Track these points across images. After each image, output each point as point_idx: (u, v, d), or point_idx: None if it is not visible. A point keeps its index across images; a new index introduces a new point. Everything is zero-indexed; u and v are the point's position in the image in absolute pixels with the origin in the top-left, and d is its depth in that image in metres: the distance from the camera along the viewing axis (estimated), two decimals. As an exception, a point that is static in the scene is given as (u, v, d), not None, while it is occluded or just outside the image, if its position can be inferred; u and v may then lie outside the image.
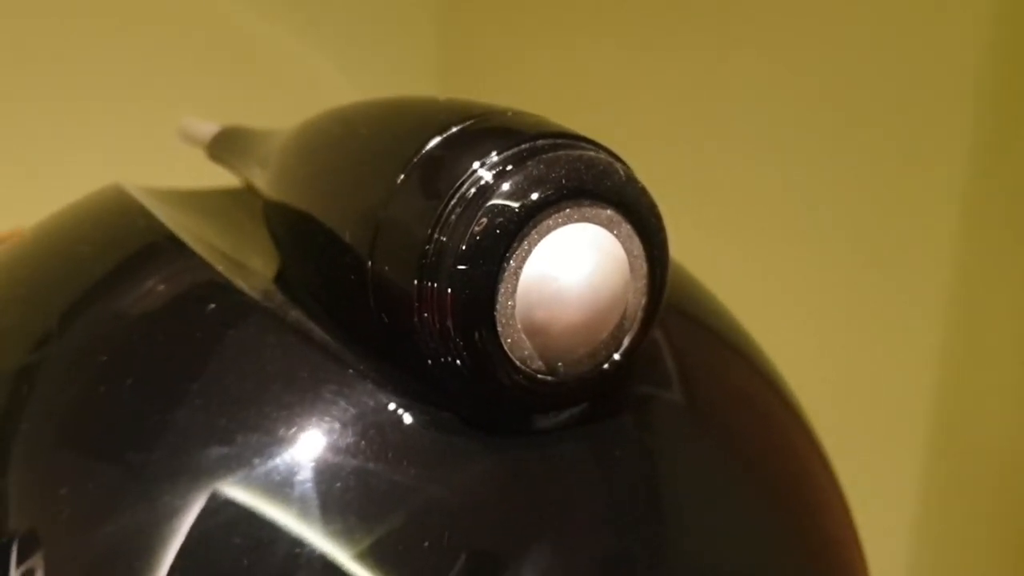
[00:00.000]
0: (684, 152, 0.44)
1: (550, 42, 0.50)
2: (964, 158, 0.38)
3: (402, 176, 0.16)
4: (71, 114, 0.45)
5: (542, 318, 0.15)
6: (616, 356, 0.16)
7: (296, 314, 0.17)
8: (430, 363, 0.16)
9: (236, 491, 0.15)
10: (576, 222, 0.15)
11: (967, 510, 0.41)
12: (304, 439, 0.16)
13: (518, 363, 0.15)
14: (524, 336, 0.15)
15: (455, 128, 0.16)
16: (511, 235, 0.15)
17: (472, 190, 0.15)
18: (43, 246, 0.20)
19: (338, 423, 0.16)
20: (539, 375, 0.16)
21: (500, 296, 0.15)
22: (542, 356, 0.16)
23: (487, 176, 0.15)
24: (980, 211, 0.38)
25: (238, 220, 0.21)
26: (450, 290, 0.15)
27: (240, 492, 0.15)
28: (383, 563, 0.15)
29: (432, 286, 0.15)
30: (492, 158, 0.15)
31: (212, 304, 0.18)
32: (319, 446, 0.16)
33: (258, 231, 0.20)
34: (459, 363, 0.15)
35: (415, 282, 0.15)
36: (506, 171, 0.15)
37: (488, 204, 0.15)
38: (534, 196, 0.15)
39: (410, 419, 0.16)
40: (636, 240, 0.16)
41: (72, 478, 0.16)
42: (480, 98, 0.17)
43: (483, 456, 0.16)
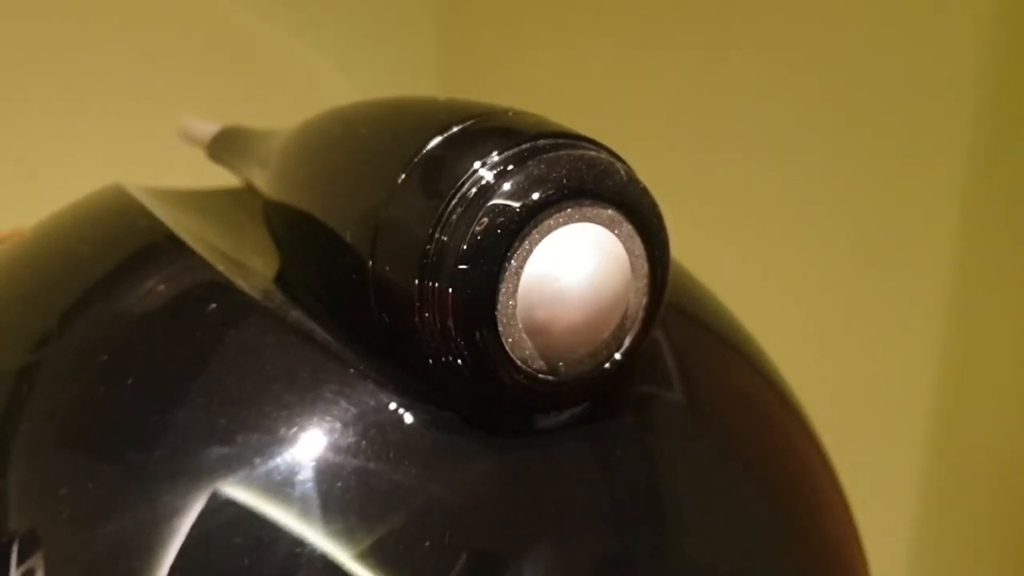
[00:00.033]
0: (684, 152, 0.44)
1: (550, 42, 0.50)
2: (964, 158, 0.38)
3: (403, 176, 0.16)
4: (71, 114, 0.45)
5: (543, 318, 0.15)
6: (617, 356, 0.16)
7: (296, 314, 0.17)
8: (431, 363, 0.16)
9: (237, 491, 0.15)
10: (577, 222, 0.15)
11: (967, 510, 0.41)
12: (305, 439, 0.16)
13: (519, 363, 0.15)
14: (525, 336, 0.15)
15: (456, 128, 0.16)
16: (512, 235, 0.15)
17: (473, 190, 0.15)
18: (43, 246, 0.20)
19: (339, 423, 0.16)
20: (540, 375, 0.16)
21: (501, 296, 0.15)
22: (543, 356, 0.16)
23: (488, 176, 0.15)
24: (980, 211, 0.38)
25: (238, 220, 0.21)
26: (451, 290, 0.15)
27: (241, 492, 0.15)
28: (384, 563, 0.15)
29: (433, 286, 0.15)
30: (493, 158, 0.15)
31: (212, 304, 0.18)
32: (320, 446, 0.16)
33: (258, 231, 0.20)
34: (460, 363, 0.15)
35: (416, 282, 0.15)
36: (507, 171, 0.15)
37: (489, 204, 0.15)
38: (535, 196, 0.15)
39: (411, 419, 0.16)
40: (637, 240, 0.16)
41: (72, 478, 0.16)
42: (480, 98, 0.17)
43: (484, 456, 0.16)
